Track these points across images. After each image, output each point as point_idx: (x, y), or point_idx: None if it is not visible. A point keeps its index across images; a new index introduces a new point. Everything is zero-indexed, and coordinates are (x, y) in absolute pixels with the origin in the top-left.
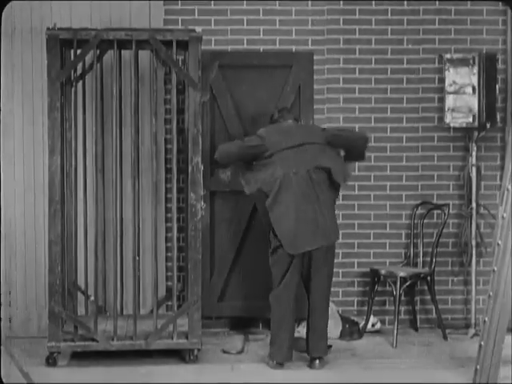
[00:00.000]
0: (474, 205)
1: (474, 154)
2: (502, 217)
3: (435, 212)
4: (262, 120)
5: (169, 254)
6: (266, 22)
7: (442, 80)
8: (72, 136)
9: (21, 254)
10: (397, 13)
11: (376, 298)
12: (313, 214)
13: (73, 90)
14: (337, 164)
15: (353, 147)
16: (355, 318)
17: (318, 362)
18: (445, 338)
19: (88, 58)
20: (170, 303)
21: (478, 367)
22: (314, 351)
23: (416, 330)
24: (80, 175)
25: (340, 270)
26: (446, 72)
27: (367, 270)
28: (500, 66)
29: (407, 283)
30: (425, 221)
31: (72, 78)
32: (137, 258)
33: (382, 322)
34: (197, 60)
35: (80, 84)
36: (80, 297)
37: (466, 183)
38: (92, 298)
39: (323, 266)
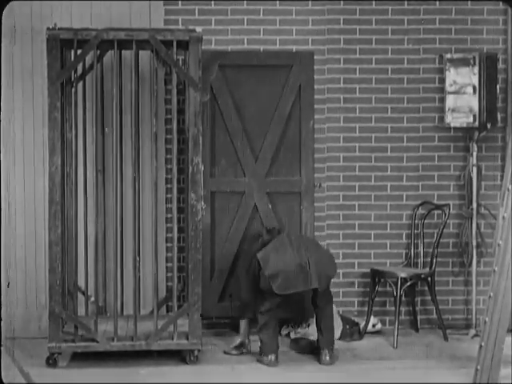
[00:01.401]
0: (474, 205)
1: (474, 154)
2: (503, 217)
3: (436, 212)
4: (262, 120)
5: (169, 255)
6: (267, 21)
7: (442, 80)
8: (72, 136)
9: (21, 255)
10: (397, 12)
11: (376, 299)
12: (303, 257)
13: (73, 90)
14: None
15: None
16: (355, 319)
17: (328, 355)
18: (445, 338)
19: (88, 59)
20: (170, 304)
21: (479, 367)
22: (323, 343)
23: (416, 330)
24: (80, 175)
25: (340, 271)
26: (447, 72)
27: (368, 271)
28: (500, 65)
29: (408, 284)
30: (425, 221)
31: (72, 78)
32: (137, 258)
33: (383, 322)
34: (197, 60)
35: (80, 84)
36: (80, 297)
37: (466, 183)
38: (92, 298)
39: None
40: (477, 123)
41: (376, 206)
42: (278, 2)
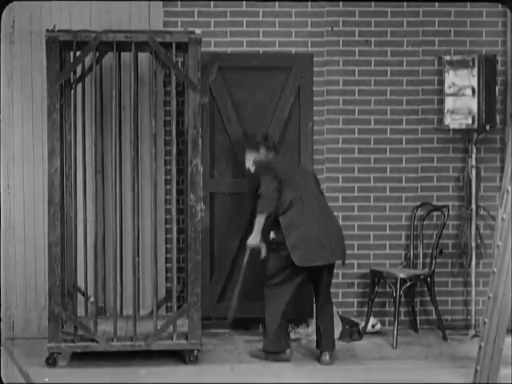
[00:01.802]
0: (473, 206)
1: (473, 155)
2: (502, 218)
3: (435, 213)
4: (261, 121)
5: (168, 255)
6: (266, 23)
7: (441, 82)
8: (71, 138)
9: (21, 255)
10: (396, 15)
11: (376, 299)
12: (324, 232)
13: (72, 92)
14: None
15: None
16: (355, 319)
17: (328, 355)
18: (445, 338)
19: (87, 60)
20: (169, 304)
21: (478, 368)
22: (324, 346)
23: (416, 331)
24: (79, 177)
25: (340, 271)
26: (446, 74)
27: (367, 272)
28: (499, 67)
29: (407, 284)
30: (424, 222)
31: (71, 80)
32: (136, 259)
33: (382, 323)
34: (196, 62)
35: (79, 86)
36: (80, 298)
37: (465, 185)
38: (92, 298)
39: (328, 275)
40: (476, 125)
41: (375, 208)
42: (277, 3)
